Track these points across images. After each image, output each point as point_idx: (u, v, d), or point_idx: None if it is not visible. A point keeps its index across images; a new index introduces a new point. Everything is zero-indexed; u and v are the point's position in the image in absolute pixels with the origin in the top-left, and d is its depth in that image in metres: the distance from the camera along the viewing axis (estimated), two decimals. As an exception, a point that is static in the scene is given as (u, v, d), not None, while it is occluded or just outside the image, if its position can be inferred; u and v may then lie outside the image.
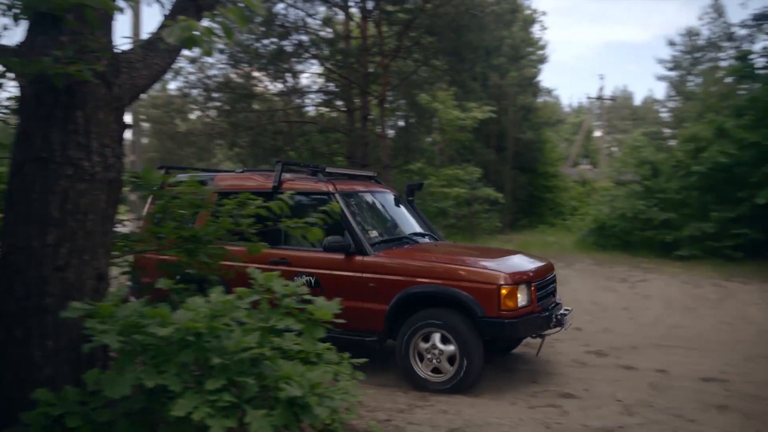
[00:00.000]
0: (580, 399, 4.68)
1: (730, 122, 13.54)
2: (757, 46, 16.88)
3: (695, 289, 9.50)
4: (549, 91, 41.55)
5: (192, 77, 16.85)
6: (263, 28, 15.94)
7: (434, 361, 4.89)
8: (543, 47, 29.98)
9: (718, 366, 5.67)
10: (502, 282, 4.74)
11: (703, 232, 12.83)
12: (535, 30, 29.22)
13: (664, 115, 46.14)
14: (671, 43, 41.85)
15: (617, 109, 53.60)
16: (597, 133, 47.25)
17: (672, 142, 24.69)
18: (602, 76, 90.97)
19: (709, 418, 4.33)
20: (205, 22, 2.44)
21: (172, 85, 17.22)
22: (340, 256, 5.30)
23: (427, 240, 6.17)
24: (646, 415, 4.31)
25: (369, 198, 6.17)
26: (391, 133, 20.07)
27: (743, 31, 20.43)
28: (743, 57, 14.52)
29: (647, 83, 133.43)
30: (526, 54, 27.68)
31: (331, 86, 18.26)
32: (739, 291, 9.28)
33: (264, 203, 5.62)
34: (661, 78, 45.00)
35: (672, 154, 15.86)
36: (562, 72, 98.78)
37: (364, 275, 5.21)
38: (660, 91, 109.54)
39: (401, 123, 21.48)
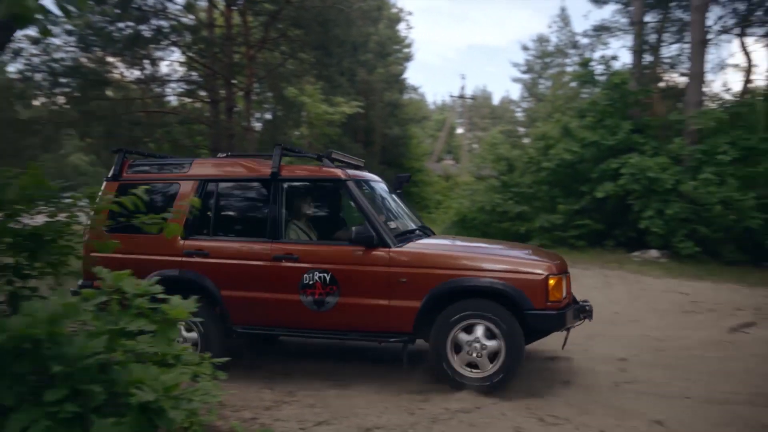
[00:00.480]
0: (442, 384, 4.89)
1: (573, 123, 14.81)
2: (597, 55, 18.64)
3: (545, 276, 10.29)
4: (414, 89, 43.05)
5: (35, 59, 15.34)
6: (118, 10, 14.88)
7: (474, 354, 4.50)
8: (408, 45, 30.92)
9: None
10: (549, 272, 4.50)
11: (552, 224, 13.96)
12: (401, 28, 30.06)
13: (519, 114, 49.53)
14: (525, 48, 45.11)
15: (477, 108, 56.58)
16: (459, 131, 49.60)
17: (525, 140, 26.51)
18: (464, 76, 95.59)
19: (556, 393, 4.72)
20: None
21: (12, 68, 15.54)
22: (359, 250, 4.70)
23: (426, 232, 5.70)
24: (501, 395, 4.60)
25: (374, 187, 5.59)
26: (257, 125, 19.67)
27: (585, 40, 22.47)
28: (585, 64, 15.95)
29: (504, 84, 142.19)
30: (392, 51, 28.35)
31: (194, 76, 17.50)
32: (582, 276, 10.18)
33: (258, 191, 5.18)
34: (516, 80, 48.15)
35: (525, 151, 17.04)
36: (427, 71, 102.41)
37: (393, 269, 4.65)
38: (515, 92, 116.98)
39: (268, 116, 21.13)
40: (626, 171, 12.67)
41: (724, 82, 43.63)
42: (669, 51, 20.62)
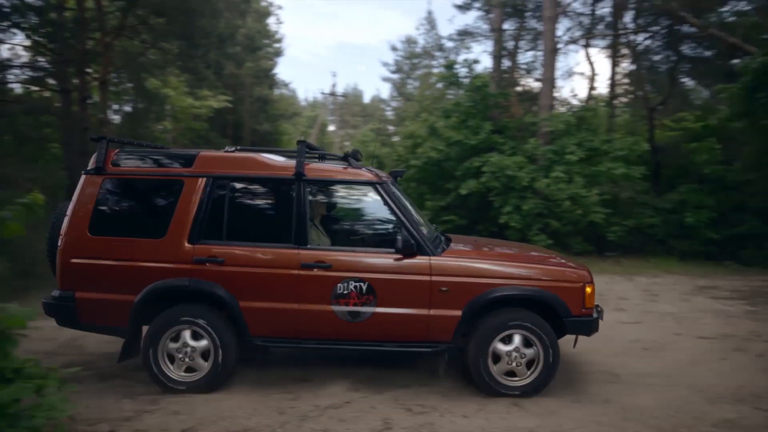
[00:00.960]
0: (312, 382, 4.88)
1: (440, 122, 15.41)
2: (461, 58, 19.49)
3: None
4: (285, 85, 42.39)
5: None
6: (-55, -16, 13.17)
7: (513, 364, 4.56)
8: (279, 40, 30.45)
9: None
10: (585, 281, 4.64)
11: (420, 220, 14.42)
12: (271, 23, 29.52)
13: (389, 113, 50.54)
14: (393, 48, 46.00)
15: (349, 106, 57.00)
16: (331, 128, 49.73)
17: (395, 139, 27.18)
18: (335, 73, 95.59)
19: (424, 383, 4.89)
20: None
21: None
22: (398, 257, 4.55)
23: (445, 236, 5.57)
24: (372, 388, 4.69)
25: (398, 190, 5.14)
26: (116, 118, 18.40)
27: (450, 44, 23.45)
28: (449, 66, 16.61)
29: (375, 83, 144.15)
30: (262, 46, 27.78)
31: (42, 62, 15.94)
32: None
33: (279, 191, 4.81)
34: (385, 79, 49.01)
35: (394, 149, 17.45)
36: (298, 67, 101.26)
37: (435, 278, 4.51)
38: (385, 91, 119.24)
39: (128, 108, 19.82)
40: (487, 169, 13.39)
41: (572, 88, 47.57)
42: (525, 57, 22.05)
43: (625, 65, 22.02)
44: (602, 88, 22.90)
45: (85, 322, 4.58)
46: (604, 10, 20.78)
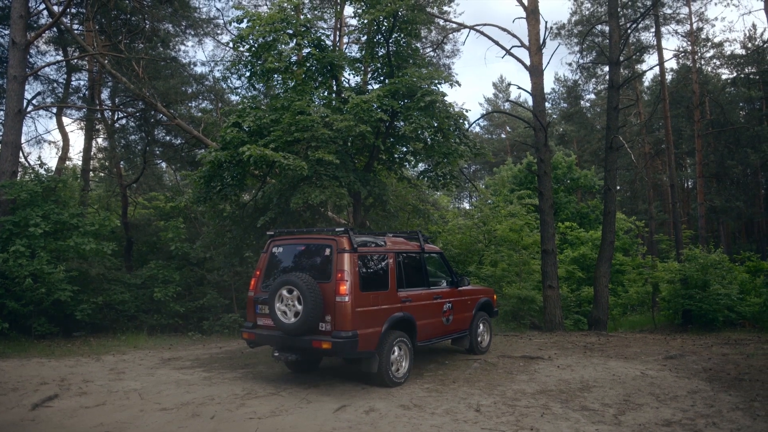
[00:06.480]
0: None
1: None
2: None
3: None
4: None
5: None
6: None
7: (482, 335, 10.34)
8: None
9: None
10: (494, 292, 11.14)
11: None
12: None
13: None
14: None
15: None
16: None
17: None
18: None
19: None
20: None
21: None
22: (456, 288, 9.49)
23: None
24: None
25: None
26: None
27: None
28: None
29: None
30: None
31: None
32: None
33: (416, 259, 8.87)
34: None
35: None
36: None
37: (464, 297, 9.64)
38: None
39: None
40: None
41: (40, 156, 43.89)
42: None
43: (101, 140, 22.04)
44: (76, 159, 22.10)
45: (360, 350, 7.16)
46: (81, 82, 20.53)
